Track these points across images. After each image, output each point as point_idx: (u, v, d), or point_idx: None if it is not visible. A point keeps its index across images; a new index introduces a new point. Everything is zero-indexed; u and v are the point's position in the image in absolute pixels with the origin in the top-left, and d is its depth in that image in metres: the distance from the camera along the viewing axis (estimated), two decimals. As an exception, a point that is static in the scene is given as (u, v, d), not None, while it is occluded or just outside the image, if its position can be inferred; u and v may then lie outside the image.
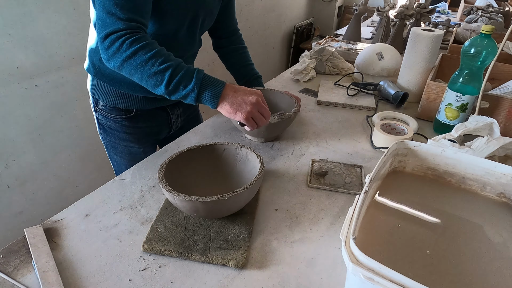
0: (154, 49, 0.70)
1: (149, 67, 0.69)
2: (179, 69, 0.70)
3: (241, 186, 0.60)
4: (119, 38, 0.69)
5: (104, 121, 0.98)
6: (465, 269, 0.47)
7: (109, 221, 0.66)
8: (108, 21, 0.69)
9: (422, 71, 1.15)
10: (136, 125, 0.99)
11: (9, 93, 1.28)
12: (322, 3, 3.75)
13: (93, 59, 0.91)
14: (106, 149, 1.06)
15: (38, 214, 1.52)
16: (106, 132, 1.01)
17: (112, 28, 0.69)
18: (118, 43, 0.69)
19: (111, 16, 0.68)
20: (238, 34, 1.13)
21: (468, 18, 2.26)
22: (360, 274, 0.39)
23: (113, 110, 0.95)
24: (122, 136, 1.00)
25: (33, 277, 0.54)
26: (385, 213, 0.56)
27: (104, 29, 0.69)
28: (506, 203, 0.58)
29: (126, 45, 0.69)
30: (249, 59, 1.13)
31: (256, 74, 1.11)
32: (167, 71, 0.69)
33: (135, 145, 1.02)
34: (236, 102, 0.73)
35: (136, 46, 0.69)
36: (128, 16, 0.69)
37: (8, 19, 1.21)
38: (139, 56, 0.69)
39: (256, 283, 0.55)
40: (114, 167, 1.10)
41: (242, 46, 1.13)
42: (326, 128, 1.03)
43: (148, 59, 0.69)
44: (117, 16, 0.69)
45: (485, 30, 0.87)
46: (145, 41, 0.70)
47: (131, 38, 0.69)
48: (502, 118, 0.97)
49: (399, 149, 0.64)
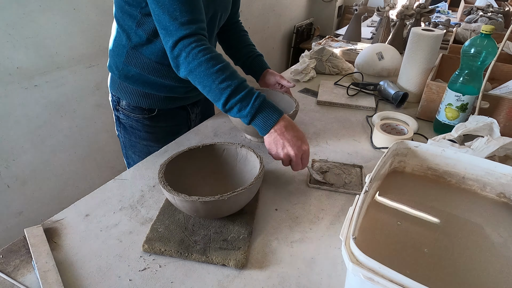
0: (219, 63, 0.71)
1: (211, 81, 0.71)
2: (239, 91, 0.71)
3: (241, 186, 0.60)
4: (186, 47, 0.71)
5: (125, 120, 0.99)
6: (465, 269, 0.47)
7: (109, 221, 0.66)
8: (172, 29, 0.70)
9: (422, 71, 1.15)
10: (157, 124, 0.99)
11: (9, 93, 1.28)
12: (322, 3, 3.75)
13: (116, 61, 0.91)
14: (124, 147, 1.06)
15: (38, 214, 1.52)
16: (127, 131, 1.01)
17: (177, 36, 0.71)
18: (186, 52, 0.71)
19: (175, 21, 0.70)
20: (239, 23, 1.12)
21: (468, 18, 2.26)
22: (360, 274, 0.39)
23: (135, 109, 0.96)
24: (143, 136, 1.00)
25: (33, 277, 0.54)
26: (385, 213, 0.56)
27: (169, 37, 0.71)
28: (506, 203, 0.58)
29: (192, 55, 0.71)
30: (250, 41, 1.11)
31: (257, 53, 1.08)
32: (226, 90, 0.71)
33: (155, 144, 1.02)
34: (280, 143, 0.71)
35: (201, 59, 0.70)
36: (189, 17, 0.70)
37: (8, 19, 1.21)
38: (204, 69, 0.71)
39: (256, 283, 0.55)
40: (129, 165, 1.10)
41: (242, 30, 1.12)
42: (326, 128, 1.03)
43: (211, 74, 0.71)
44: (179, 21, 0.70)
45: (485, 30, 0.87)
46: (210, 52, 0.72)
47: (198, 48, 0.71)
48: (502, 118, 0.97)
49: (399, 149, 0.64)
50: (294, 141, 0.71)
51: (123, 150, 1.08)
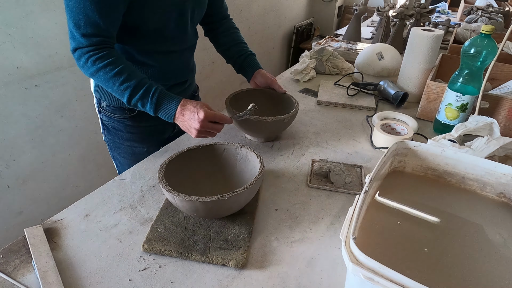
0: (117, 67, 0.75)
1: (111, 84, 0.76)
2: (138, 89, 0.76)
3: (241, 186, 0.60)
4: (84, 55, 0.74)
5: (108, 121, 0.98)
6: (465, 269, 0.47)
7: (109, 221, 0.66)
8: (75, 35, 0.73)
9: (422, 71, 1.15)
10: (139, 124, 0.98)
11: (9, 93, 1.28)
12: (322, 3, 3.75)
13: None
14: (110, 150, 1.06)
15: (38, 214, 1.52)
16: (110, 133, 1.01)
17: (77, 44, 0.74)
18: (84, 59, 0.74)
19: (77, 30, 0.72)
20: (229, 19, 1.09)
21: (468, 18, 2.26)
22: (360, 274, 0.39)
23: (116, 109, 0.95)
24: (126, 136, 1.00)
25: (33, 277, 0.54)
26: (385, 213, 0.56)
27: (72, 41, 0.75)
28: (506, 203, 0.58)
29: (90, 62, 0.74)
30: (242, 39, 1.08)
31: (248, 52, 1.05)
32: (126, 91, 0.76)
33: (139, 144, 1.01)
34: (185, 126, 0.78)
35: (99, 65, 0.74)
36: (91, 31, 0.73)
37: (8, 19, 1.21)
38: (102, 74, 0.75)
39: (256, 283, 0.55)
40: (118, 167, 1.10)
41: (233, 27, 1.09)
42: (326, 128, 1.03)
43: (110, 78, 0.75)
44: (81, 32, 0.72)
45: (485, 30, 0.87)
46: (108, 59, 0.75)
47: (95, 56, 0.74)
48: (502, 118, 0.97)
49: (399, 149, 0.64)
50: (191, 116, 0.76)
51: (110, 152, 1.07)
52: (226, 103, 0.92)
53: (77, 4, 0.69)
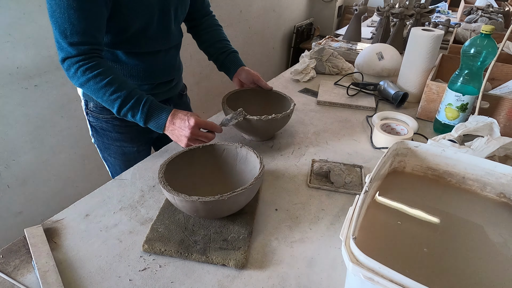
0: (107, 77, 0.75)
1: (102, 95, 0.76)
2: (128, 100, 0.76)
3: (241, 186, 0.60)
4: (74, 65, 0.73)
5: (95, 122, 0.98)
6: (465, 269, 0.47)
7: (109, 221, 0.66)
8: (63, 45, 0.72)
9: (422, 71, 1.15)
10: (127, 124, 0.97)
11: (9, 93, 1.28)
12: (322, 3, 3.75)
13: None
14: (100, 151, 1.05)
15: (38, 214, 1.52)
16: (99, 134, 1.00)
17: (65, 54, 0.73)
18: (73, 69, 0.74)
19: (64, 39, 0.71)
20: (212, 16, 1.09)
21: (468, 18, 2.26)
22: (360, 274, 0.39)
23: (103, 110, 0.94)
24: (115, 136, 0.99)
25: (33, 277, 0.54)
26: (385, 213, 0.56)
27: (60, 51, 0.74)
28: (506, 203, 0.58)
29: (80, 72, 0.74)
30: (225, 36, 1.08)
31: (231, 49, 1.05)
32: (116, 101, 0.76)
33: (128, 144, 1.01)
34: (175, 134, 0.79)
35: (89, 75, 0.74)
36: (79, 40, 0.72)
37: (8, 19, 1.21)
38: (92, 84, 0.75)
39: (256, 283, 0.55)
40: (109, 168, 1.09)
41: (216, 24, 1.08)
42: (326, 128, 1.03)
43: (100, 88, 0.75)
44: (68, 41, 0.71)
45: (485, 30, 0.87)
46: (98, 69, 0.74)
47: (85, 66, 0.73)
48: (502, 118, 0.97)
49: (399, 149, 0.64)
50: (182, 124, 0.77)
51: (100, 154, 1.07)
52: (222, 103, 0.91)
53: (61, 14, 0.69)
